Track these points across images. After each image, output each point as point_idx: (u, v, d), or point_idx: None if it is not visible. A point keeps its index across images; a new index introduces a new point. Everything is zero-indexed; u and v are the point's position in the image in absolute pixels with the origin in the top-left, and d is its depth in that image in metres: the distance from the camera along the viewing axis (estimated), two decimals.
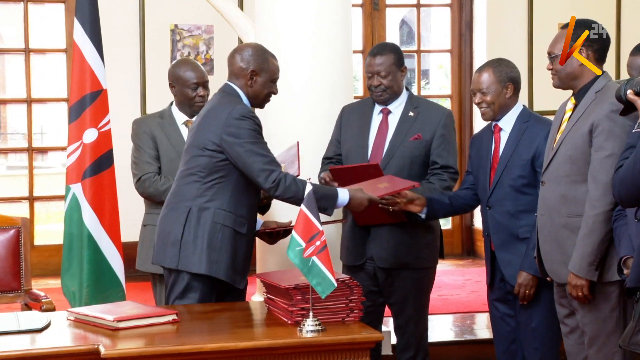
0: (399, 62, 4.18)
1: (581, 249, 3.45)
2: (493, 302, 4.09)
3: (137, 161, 4.38)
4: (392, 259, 4.14)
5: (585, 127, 3.50)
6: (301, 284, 3.28)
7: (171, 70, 4.45)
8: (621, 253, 3.28)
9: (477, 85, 4.00)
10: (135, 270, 4.50)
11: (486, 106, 3.99)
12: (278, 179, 3.65)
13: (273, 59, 3.84)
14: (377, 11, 7.85)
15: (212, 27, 7.32)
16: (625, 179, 2.91)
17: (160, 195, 4.27)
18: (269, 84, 3.82)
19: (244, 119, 3.68)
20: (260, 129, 3.72)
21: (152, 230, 4.35)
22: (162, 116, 4.45)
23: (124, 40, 7.16)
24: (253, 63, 3.79)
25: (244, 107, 3.73)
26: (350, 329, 3.27)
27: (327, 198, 3.74)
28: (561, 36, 3.60)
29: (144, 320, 3.30)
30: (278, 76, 3.86)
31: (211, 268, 3.69)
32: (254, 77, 3.79)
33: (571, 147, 3.54)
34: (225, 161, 3.71)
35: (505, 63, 4.03)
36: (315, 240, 3.17)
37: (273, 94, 3.87)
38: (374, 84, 4.17)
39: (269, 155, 3.69)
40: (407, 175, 4.09)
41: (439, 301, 6.18)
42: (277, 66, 3.85)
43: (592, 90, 3.55)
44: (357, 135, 4.23)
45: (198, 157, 3.75)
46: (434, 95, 9.98)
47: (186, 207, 3.73)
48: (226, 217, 3.71)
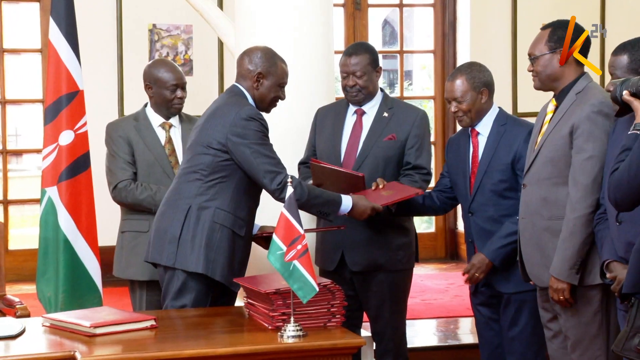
0: (374, 63, 4.20)
1: (562, 252, 3.47)
2: (477, 306, 4.10)
3: (111, 168, 4.34)
4: (365, 261, 4.15)
5: (565, 129, 3.52)
6: (282, 288, 3.28)
7: (147, 71, 4.42)
8: (604, 257, 3.29)
9: (451, 94, 4.00)
10: (112, 276, 4.48)
11: (463, 114, 4.00)
12: (284, 182, 3.67)
13: (282, 63, 3.88)
14: (359, 11, 7.87)
15: (191, 27, 7.30)
16: (621, 183, 2.88)
17: (140, 204, 4.25)
18: (275, 87, 3.85)
19: (252, 120, 3.71)
20: (267, 131, 3.76)
21: (131, 237, 4.34)
22: (137, 119, 4.42)
23: (101, 40, 7.13)
24: (261, 65, 3.83)
25: (251, 108, 3.77)
26: (332, 334, 3.27)
27: (330, 203, 3.80)
28: (542, 37, 3.62)
29: (121, 326, 3.29)
30: (286, 81, 3.89)
31: (208, 267, 3.70)
32: (261, 79, 3.83)
33: (552, 149, 3.55)
34: (228, 161, 3.73)
35: (476, 68, 4.03)
36: (296, 244, 3.17)
37: (280, 99, 3.90)
38: (349, 84, 4.19)
39: (275, 158, 3.73)
40: (382, 175, 4.11)
41: (422, 306, 6.19)
42: (285, 71, 3.88)
43: (572, 91, 3.57)
44: (331, 136, 4.25)
45: (202, 155, 3.77)
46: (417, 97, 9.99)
47: (186, 205, 3.75)
48: (226, 218, 3.73)
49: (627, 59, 3.22)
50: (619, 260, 3.22)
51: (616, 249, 3.23)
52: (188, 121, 4.47)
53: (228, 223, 3.74)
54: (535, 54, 3.62)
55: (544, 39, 3.60)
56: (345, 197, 3.85)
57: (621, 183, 2.88)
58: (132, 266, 4.31)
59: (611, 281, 3.24)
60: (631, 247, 3.16)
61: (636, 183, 2.84)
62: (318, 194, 3.80)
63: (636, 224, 3.10)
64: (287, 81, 3.90)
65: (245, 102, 3.81)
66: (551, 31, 3.61)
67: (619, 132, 3.32)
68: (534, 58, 3.62)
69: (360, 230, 4.15)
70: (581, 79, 3.59)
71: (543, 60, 3.59)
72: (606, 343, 3.50)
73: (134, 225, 4.33)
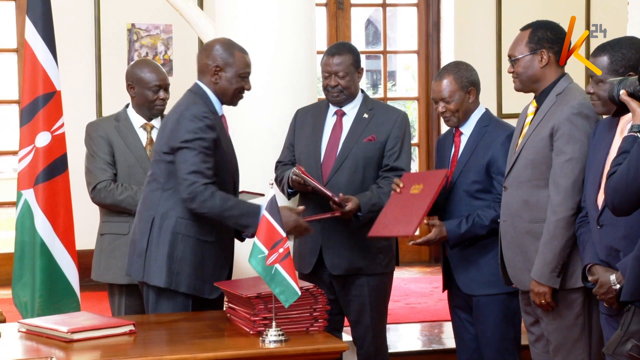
0: (356, 63, 4.22)
1: (543, 255, 3.48)
2: (454, 309, 4.13)
3: (90, 168, 4.34)
4: (346, 264, 4.15)
5: (545, 131, 3.53)
6: (264, 292, 3.28)
7: (130, 71, 4.42)
8: (585, 260, 3.31)
9: (438, 94, 4.02)
10: (90, 280, 4.46)
11: (451, 114, 4.01)
12: (196, 192, 3.56)
13: (241, 52, 3.79)
14: (342, 10, 7.87)
15: (171, 27, 7.29)
16: (619, 187, 2.85)
17: (118, 204, 4.24)
18: (236, 79, 3.76)
19: (194, 121, 3.62)
20: (211, 133, 3.63)
21: (110, 240, 4.33)
22: (118, 119, 4.42)
23: (79, 40, 7.11)
24: (217, 58, 3.75)
25: (196, 108, 3.67)
26: (314, 339, 3.27)
27: (247, 215, 3.61)
28: (522, 38, 3.63)
29: (100, 331, 3.28)
30: (248, 71, 3.79)
31: (171, 281, 3.65)
32: (219, 72, 3.75)
33: (532, 151, 3.57)
34: None
35: (463, 67, 4.06)
36: (278, 248, 3.16)
37: (245, 89, 3.80)
38: (331, 84, 4.20)
39: (199, 166, 3.58)
40: (361, 176, 4.13)
41: (406, 310, 6.20)
42: (245, 61, 3.78)
43: (553, 92, 3.59)
44: (311, 137, 4.25)
45: (157, 162, 3.73)
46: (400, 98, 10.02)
47: (150, 216, 3.71)
48: (188, 226, 3.67)
49: (608, 59, 3.24)
50: (600, 263, 3.24)
51: (597, 253, 3.25)
52: None
53: (191, 232, 3.66)
54: (515, 55, 3.63)
55: (524, 40, 3.62)
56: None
57: (619, 187, 2.85)
58: (110, 270, 4.30)
59: (593, 284, 3.26)
60: (612, 251, 3.19)
61: (634, 187, 2.80)
62: (233, 205, 3.61)
63: (617, 228, 3.12)
64: (249, 71, 3.79)
65: (195, 100, 3.71)
66: (531, 32, 3.62)
67: (599, 135, 3.34)
68: (515, 60, 3.63)
69: (340, 233, 4.15)
70: (561, 80, 3.61)
71: (524, 62, 3.61)
72: (588, 347, 3.52)
73: (114, 227, 4.32)
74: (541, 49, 3.59)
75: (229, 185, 3.76)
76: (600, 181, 3.24)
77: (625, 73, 3.18)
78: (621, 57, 3.21)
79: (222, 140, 3.72)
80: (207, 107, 3.71)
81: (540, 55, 3.60)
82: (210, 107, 3.73)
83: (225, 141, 3.76)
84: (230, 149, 3.82)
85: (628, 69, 3.19)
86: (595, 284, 3.23)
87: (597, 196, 3.25)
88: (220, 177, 3.69)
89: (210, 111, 3.71)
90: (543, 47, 3.60)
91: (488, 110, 4.09)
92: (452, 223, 3.92)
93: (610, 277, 3.17)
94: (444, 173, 3.93)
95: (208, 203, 3.57)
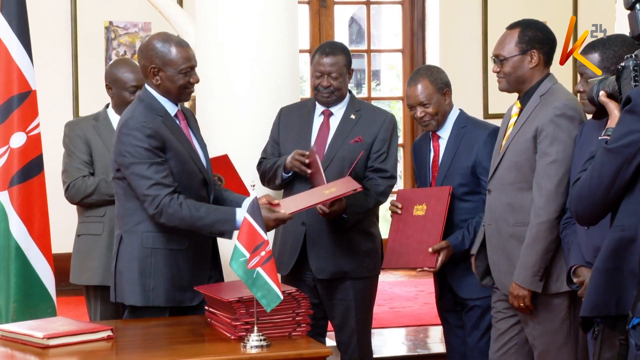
0: (349, 64, 4.24)
1: (524, 258, 3.50)
2: (443, 314, 4.14)
3: (67, 168, 4.36)
4: (331, 268, 4.16)
5: (529, 133, 3.54)
6: (245, 296, 3.28)
7: (108, 71, 4.43)
8: (571, 262, 3.32)
9: (415, 99, 4.02)
10: (67, 284, 4.45)
11: (430, 118, 4.02)
12: (161, 205, 3.50)
13: (179, 47, 3.60)
14: (325, 8, 7.89)
15: (150, 25, 7.28)
16: (582, 195, 2.72)
17: (89, 196, 4.25)
18: (177, 76, 3.60)
19: (132, 134, 3.52)
20: (154, 142, 3.52)
21: (87, 240, 4.33)
22: (97, 119, 4.43)
23: (55, 38, 7.09)
24: (154, 58, 3.60)
25: (135, 119, 3.55)
26: (297, 344, 3.27)
27: (220, 223, 3.54)
28: (511, 37, 3.61)
29: (77, 337, 3.27)
30: (190, 64, 3.60)
31: (147, 297, 3.62)
32: (159, 73, 3.61)
33: (516, 153, 3.58)
34: None
35: (435, 69, 4.10)
36: (260, 251, 3.16)
37: (189, 85, 3.63)
38: (324, 85, 4.19)
39: (154, 177, 3.51)
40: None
41: (391, 314, 6.21)
42: (183, 55, 3.59)
43: (537, 93, 3.60)
44: (298, 137, 4.25)
45: (114, 179, 3.69)
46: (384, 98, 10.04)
47: (118, 235, 3.68)
48: (156, 239, 3.61)
49: (599, 57, 3.25)
50: (586, 265, 3.25)
51: (583, 254, 3.27)
52: None
53: (160, 244, 3.61)
54: (504, 55, 3.62)
55: (513, 40, 3.61)
56: (240, 213, 3.52)
57: (582, 195, 2.72)
58: (86, 271, 4.31)
59: (578, 286, 3.28)
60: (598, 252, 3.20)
61: (598, 195, 2.67)
62: (203, 215, 3.52)
63: (604, 228, 3.14)
64: (192, 64, 3.61)
65: (135, 109, 3.60)
66: (521, 31, 3.61)
67: (585, 136, 3.35)
68: (503, 59, 3.62)
69: (326, 236, 4.16)
70: (545, 80, 3.62)
71: (513, 62, 3.61)
72: (575, 352, 3.54)
73: (90, 228, 4.32)
74: (532, 49, 3.59)
75: (195, 185, 3.68)
76: None
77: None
78: (612, 54, 3.22)
79: (173, 142, 3.60)
80: (152, 113, 3.59)
81: (531, 55, 3.60)
82: (157, 111, 3.61)
83: (179, 141, 3.64)
84: (188, 147, 3.67)
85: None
86: (581, 286, 3.25)
87: None
88: (183, 180, 3.62)
89: (153, 117, 3.58)
90: (534, 47, 3.59)
91: (462, 110, 4.11)
92: (456, 239, 3.94)
93: None
94: (447, 190, 3.93)
95: (177, 215, 3.51)
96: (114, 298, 3.68)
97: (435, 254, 3.91)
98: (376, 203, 4.17)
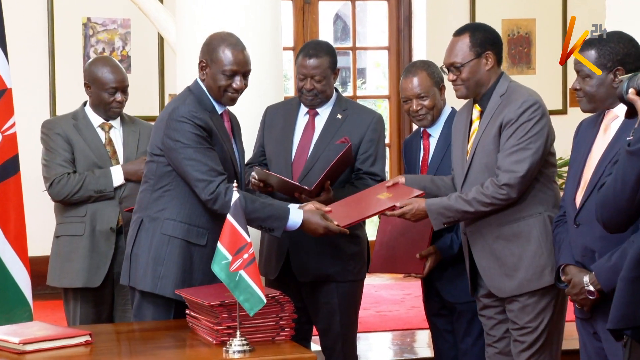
0: (333, 65, 4.20)
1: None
2: (431, 317, 4.15)
3: (48, 164, 4.34)
4: (314, 271, 4.15)
5: (493, 131, 3.59)
6: (227, 300, 3.27)
7: (88, 69, 4.42)
8: (560, 261, 3.37)
9: (411, 91, 4.03)
10: (44, 287, 4.44)
11: (426, 112, 4.03)
12: (217, 192, 3.58)
13: (228, 48, 3.70)
14: (309, 5, 7.88)
15: (129, 21, 7.26)
16: (607, 201, 2.69)
17: (76, 192, 4.25)
18: (220, 76, 3.68)
19: (183, 121, 3.61)
20: (204, 132, 3.62)
21: (67, 242, 4.33)
22: (76, 117, 4.42)
23: (31, 35, 7.06)
24: (205, 53, 3.73)
25: (186, 107, 3.64)
26: (280, 349, 3.27)
27: (272, 219, 3.65)
28: (462, 43, 3.65)
29: (54, 342, 3.25)
30: (233, 68, 3.68)
31: (155, 284, 3.64)
32: (205, 68, 3.72)
33: (484, 155, 3.62)
34: (171, 166, 3.67)
35: (432, 63, 4.12)
36: (242, 253, 3.16)
37: (230, 88, 3.70)
38: (307, 88, 4.17)
39: (208, 164, 3.59)
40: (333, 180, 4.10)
41: (377, 318, 6.22)
42: (229, 57, 3.68)
43: (495, 94, 3.65)
44: (281, 137, 4.24)
45: (149, 162, 3.75)
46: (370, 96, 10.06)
47: (138, 219, 3.72)
48: (176, 228, 3.66)
49: (595, 53, 3.27)
50: (575, 264, 3.29)
51: (573, 253, 3.30)
52: (130, 122, 4.48)
53: (180, 234, 3.66)
54: (459, 62, 3.65)
55: (466, 45, 3.65)
56: (294, 212, 3.68)
57: (607, 201, 2.69)
58: (66, 274, 4.30)
59: (566, 285, 3.32)
60: (588, 252, 3.23)
61: (622, 201, 2.63)
62: (257, 208, 3.63)
63: (594, 228, 3.16)
64: (235, 69, 3.68)
65: (186, 99, 3.70)
66: (471, 35, 3.67)
67: (582, 133, 3.38)
68: (459, 66, 3.64)
69: (308, 238, 4.14)
70: (501, 80, 3.67)
71: (470, 67, 3.64)
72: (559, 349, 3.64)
73: (70, 229, 4.31)
74: (486, 51, 3.65)
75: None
76: (580, 180, 3.29)
77: (613, 67, 3.22)
78: (609, 51, 3.25)
79: (219, 138, 3.69)
80: (201, 106, 3.67)
81: (486, 57, 3.65)
82: (205, 105, 3.70)
83: (223, 140, 3.73)
84: (229, 147, 3.77)
85: (616, 63, 3.23)
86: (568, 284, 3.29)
87: (575, 195, 3.29)
88: None
89: (202, 110, 3.67)
90: (487, 49, 3.65)
91: (455, 109, 4.12)
92: (444, 243, 3.95)
93: (584, 278, 3.22)
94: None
95: (229, 204, 3.47)
96: (127, 282, 3.71)
97: (423, 259, 3.92)
98: None
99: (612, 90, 3.22)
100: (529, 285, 3.60)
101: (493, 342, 3.76)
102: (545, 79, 7.72)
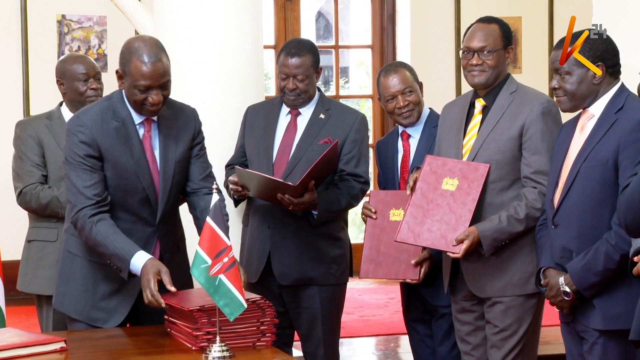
0: (316, 64, 4.21)
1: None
2: (411, 323, 4.16)
3: (18, 171, 4.32)
4: (295, 274, 4.15)
5: (512, 130, 3.59)
6: (207, 305, 3.27)
7: (58, 66, 4.43)
8: (540, 264, 3.40)
9: (395, 87, 4.04)
10: (17, 293, 4.41)
11: (412, 107, 4.04)
12: (75, 218, 3.49)
13: (139, 60, 3.45)
14: (291, 2, 7.89)
15: (105, 19, 7.24)
16: (631, 203, 2.63)
17: (42, 209, 4.22)
18: (133, 90, 3.46)
19: (68, 134, 3.54)
20: (87, 149, 3.47)
21: (38, 247, 4.31)
22: (51, 117, 4.41)
23: (4, 32, 7.03)
24: (119, 62, 3.54)
25: (78, 118, 3.54)
26: (261, 355, 3.27)
27: (116, 258, 3.44)
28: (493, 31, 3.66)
29: (28, 349, 3.24)
30: (147, 83, 3.44)
31: (58, 301, 3.66)
32: (121, 78, 3.55)
33: (496, 152, 3.61)
34: None
35: (408, 65, 4.18)
36: (222, 257, 3.16)
37: (147, 102, 3.47)
38: (289, 87, 4.17)
39: (77, 186, 3.48)
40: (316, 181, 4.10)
41: (360, 322, 6.23)
42: (142, 71, 3.43)
43: (505, 91, 3.65)
44: (262, 137, 4.24)
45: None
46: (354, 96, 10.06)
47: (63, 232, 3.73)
48: (76, 245, 3.61)
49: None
50: (554, 267, 3.33)
51: (552, 255, 3.33)
52: None
53: (80, 251, 3.60)
54: (491, 47, 3.65)
55: (497, 34, 3.67)
56: (138, 257, 3.42)
57: (632, 203, 2.63)
58: (38, 279, 4.28)
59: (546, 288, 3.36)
60: (566, 252, 3.26)
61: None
62: (106, 243, 3.43)
63: (570, 228, 3.20)
64: (148, 84, 3.44)
65: (94, 106, 3.57)
66: (500, 27, 3.69)
67: (562, 136, 3.43)
68: (492, 51, 3.64)
69: (290, 239, 4.14)
70: (510, 78, 3.71)
71: (499, 55, 3.66)
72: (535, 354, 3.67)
73: (42, 234, 4.30)
74: (509, 45, 3.69)
75: (133, 203, 3.56)
76: (558, 180, 3.33)
77: (593, 63, 3.25)
78: (589, 48, 3.27)
79: (115, 154, 3.51)
80: (109, 115, 3.52)
81: (508, 52, 3.69)
82: (117, 114, 3.54)
83: (128, 154, 3.52)
84: (137, 161, 3.54)
85: (597, 59, 3.27)
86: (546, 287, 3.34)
87: (553, 195, 3.33)
88: (118, 196, 3.55)
89: (108, 119, 3.52)
90: (510, 44, 3.69)
91: (433, 109, 4.14)
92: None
93: (560, 279, 3.25)
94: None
95: (84, 232, 3.50)
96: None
97: (418, 265, 3.91)
98: (347, 205, 4.16)
99: (592, 86, 3.26)
100: (513, 290, 3.61)
101: (470, 350, 3.77)
102: (531, 77, 7.74)
